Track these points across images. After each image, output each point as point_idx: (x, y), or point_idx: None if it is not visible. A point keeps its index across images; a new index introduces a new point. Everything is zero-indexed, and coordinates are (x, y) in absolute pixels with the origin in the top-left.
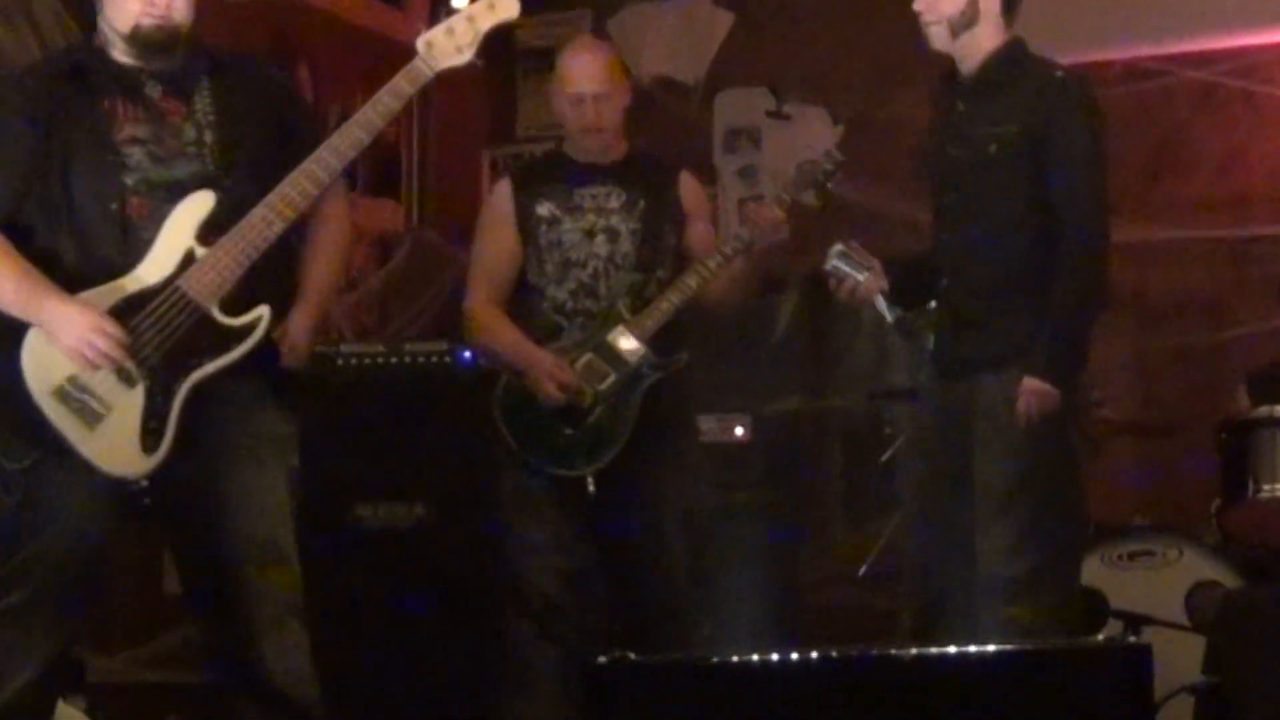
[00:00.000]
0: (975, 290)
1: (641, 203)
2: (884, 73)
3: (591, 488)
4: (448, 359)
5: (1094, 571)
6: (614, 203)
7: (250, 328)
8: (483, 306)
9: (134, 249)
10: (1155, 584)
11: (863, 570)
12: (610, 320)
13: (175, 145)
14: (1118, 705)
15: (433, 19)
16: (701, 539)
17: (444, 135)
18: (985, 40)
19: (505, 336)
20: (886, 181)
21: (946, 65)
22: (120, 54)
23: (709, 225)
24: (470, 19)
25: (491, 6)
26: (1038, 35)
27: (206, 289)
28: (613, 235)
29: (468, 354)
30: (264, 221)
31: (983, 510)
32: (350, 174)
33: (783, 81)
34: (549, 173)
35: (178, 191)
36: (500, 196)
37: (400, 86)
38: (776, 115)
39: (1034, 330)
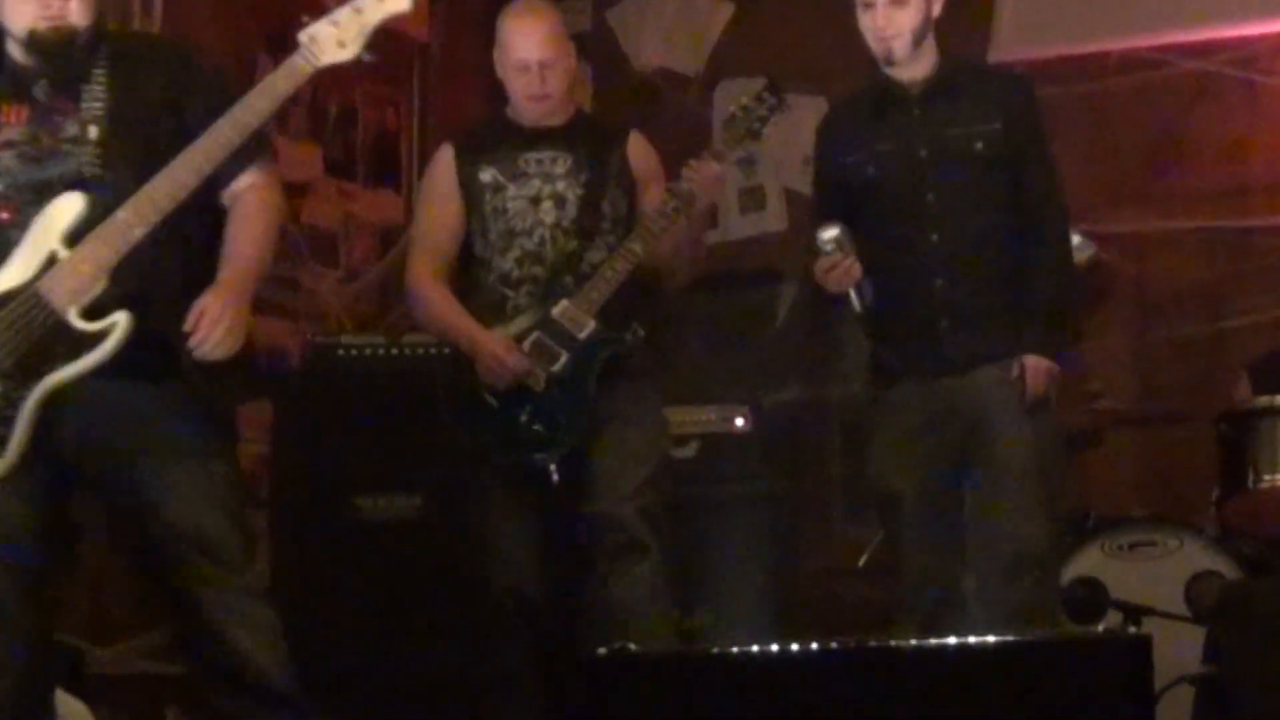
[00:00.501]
0: (977, 289)
1: (588, 167)
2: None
3: (555, 476)
4: (447, 350)
5: (1094, 562)
6: (559, 168)
7: (104, 334)
8: (426, 280)
9: (2, 255)
10: (1155, 574)
11: (863, 561)
12: (554, 294)
13: (51, 143)
14: (1118, 696)
15: (434, 13)
16: (700, 530)
17: (444, 125)
18: (931, 47)
19: (449, 315)
20: None
21: (877, 78)
22: (17, 53)
23: (663, 189)
24: (357, 11)
25: None
26: (1034, 26)
27: (63, 293)
28: (560, 201)
29: None
30: (125, 224)
31: (1004, 492)
32: (350, 164)
33: (782, 72)
34: (492, 138)
35: (46, 192)
36: (441, 164)
37: (275, 85)
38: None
39: (1017, 326)
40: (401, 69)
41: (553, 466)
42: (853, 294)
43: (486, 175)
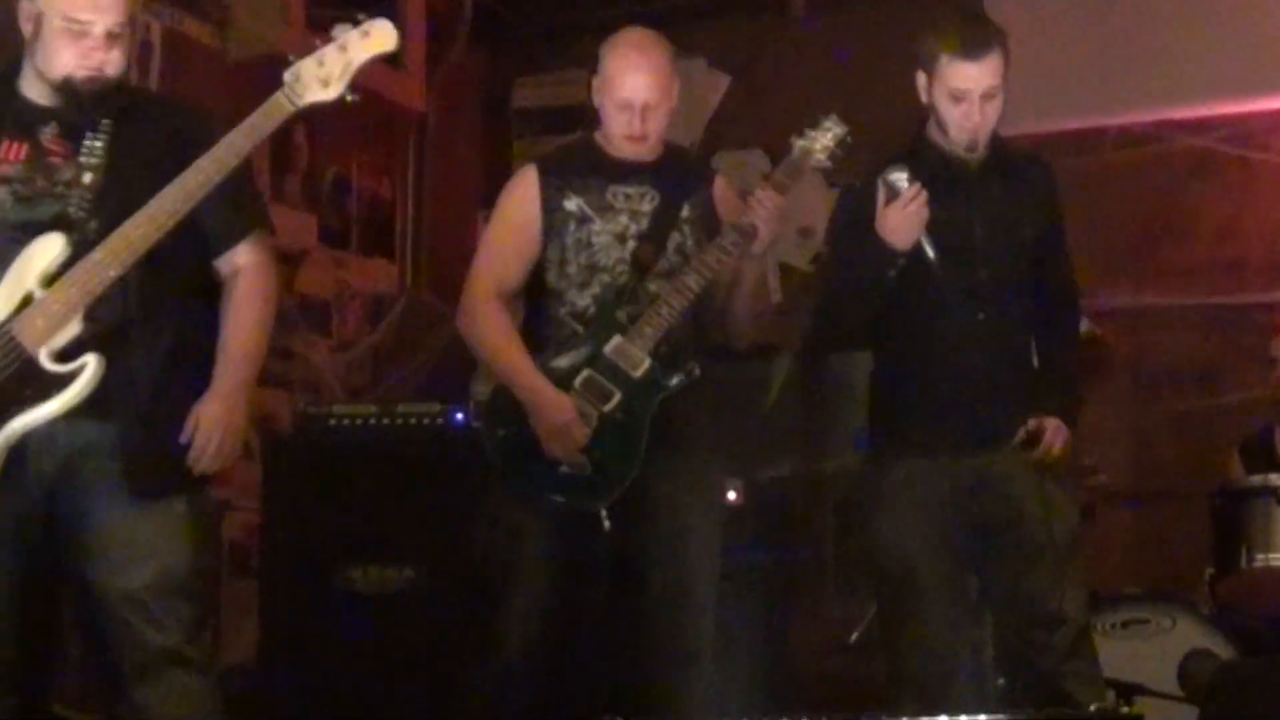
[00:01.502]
0: (1012, 368)
1: (674, 207)
2: (880, 138)
3: (606, 523)
4: (440, 420)
5: None
6: (647, 205)
7: (73, 376)
8: (489, 303)
9: None
10: (1149, 653)
11: (855, 637)
12: (607, 330)
13: (44, 185)
14: None
15: (430, 80)
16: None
17: (439, 195)
18: None
19: (509, 350)
20: None
21: (930, 144)
22: (33, 92)
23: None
24: (342, 48)
25: (366, 34)
26: (1034, 101)
27: (35, 333)
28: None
29: (460, 415)
30: (99, 264)
31: (1040, 565)
32: (344, 233)
33: (778, 143)
34: (580, 165)
35: (33, 232)
36: (525, 184)
37: (256, 123)
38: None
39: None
40: (397, 139)
41: (604, 513)
42: (924, 239)
43: (572, 205)
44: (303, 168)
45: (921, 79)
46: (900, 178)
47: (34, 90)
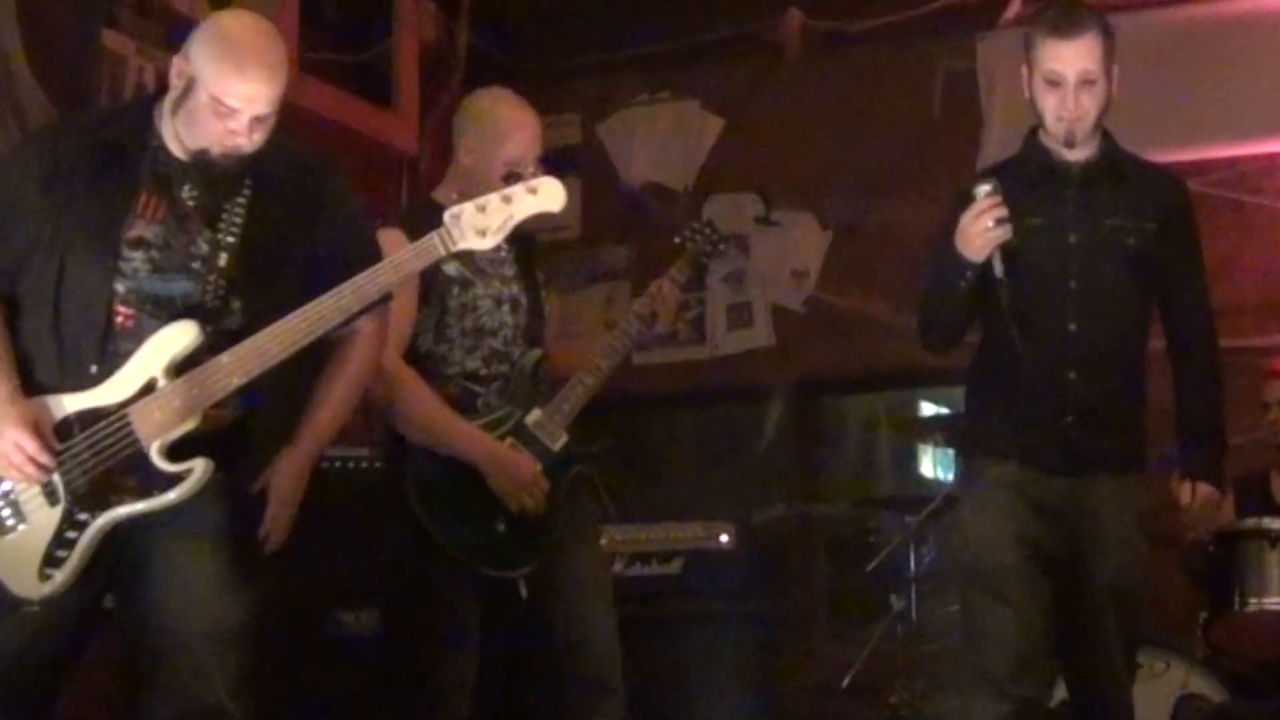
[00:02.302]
0: (1108, 389)
1: (527, 273)
2: (873, 181)
3: (524, 591)
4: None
5: None
6: (509, 270)
7: (180, 478)
8: (407, 370)
9: (110, 361)
10: (1142, 696)
11: (846, 681)
12: (522, 400)
13: (182, 258)
14: None
15: (424, 121)
16: (684, 647)
17: None
18: (1099, 130)
19: (447, 418)
20: (874, 289)
21: (1037, 147)
22: (173, 146)
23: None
24: (506, 200)
25: (533, 191)
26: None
27: (151, 426)
28: (515, 304)
29: None
30: (226, 371)
31: (1101, 615)
32: None
33: (772, 187)
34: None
35: (169, 309)
36: (396, 247)
37: (405, 261)
38: (765, 221)
39: (1141, 441)
40: (390, 180)
41: (521, 583)
42: (996, 256)
43: (451, 268)
44: None
45: (1024, 73)
46: (981, 189)
47: (174, 144)
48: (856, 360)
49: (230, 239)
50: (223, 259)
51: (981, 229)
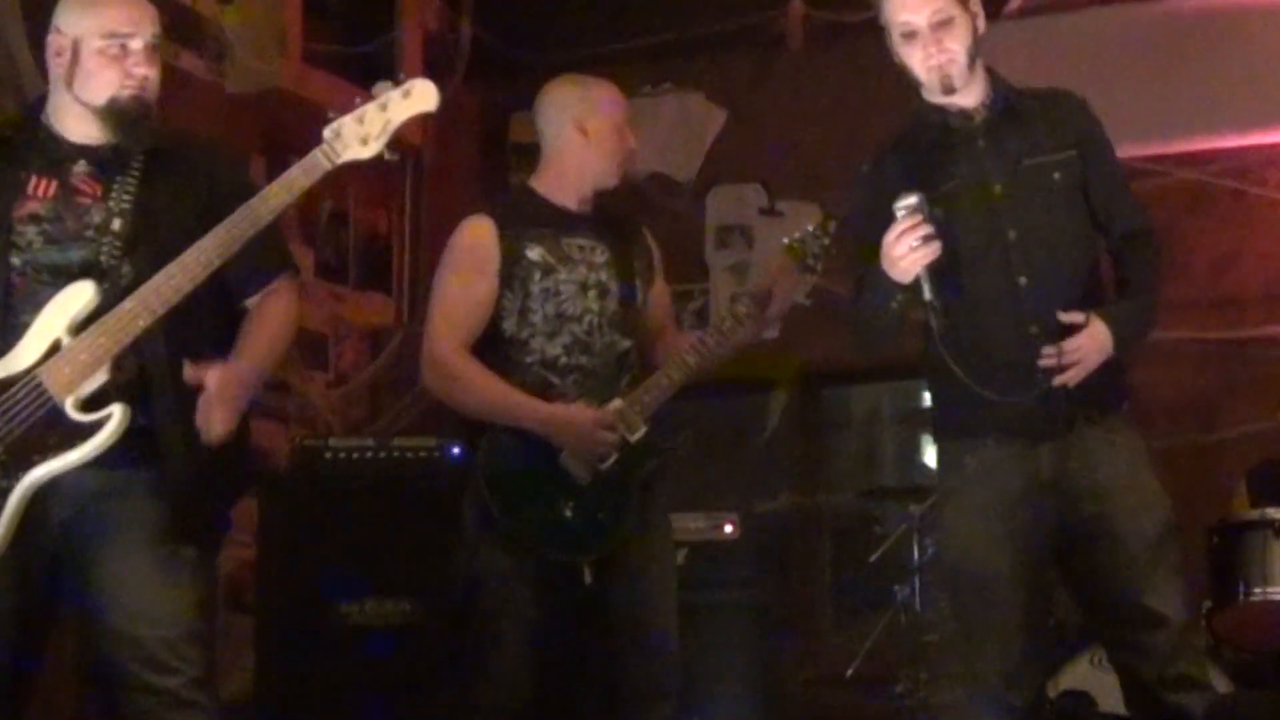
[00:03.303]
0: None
1: (621, 260)
2: None
3: (588, 577)
4: (437, 454)
5: (1082, 674)
6: (599, 257)
7: (98, 425)
8: (462, 355)
9: (11, 332)
10: None
11: (851, 671)
12: (604, 389)
13: (75, 227)
14: None
15: (426, 118)
16: (688, 637)
17: (435, 230)
18: (980, 67)
19: (502, 393)
20: None
21: (927, 111)
22: (64, 128)
23: (666, 284)
24: (382, 107)
25: (407, 94)
26: None
27: (62, 381)
28: (603, 291)
29: (457, 449)
30: (130, 315)
31: (1133, 565)
32: (341, 267)
33: (775, 178)
34: (534, 215)
35: (64, 276)
36: (482, 233)
37: (293, 179)
38: (769, 212)
39: (1114, 378)
40: (394, 173)
41: (586, 568)
42: (924, 278)
43: (534, 253)
44: (299, 202)
45: (888, 43)
46: (902, 205)
47: (65, 125)
48: (860, 350)
49: (124, 205)
50: (116, 224)
51: (905, 251)
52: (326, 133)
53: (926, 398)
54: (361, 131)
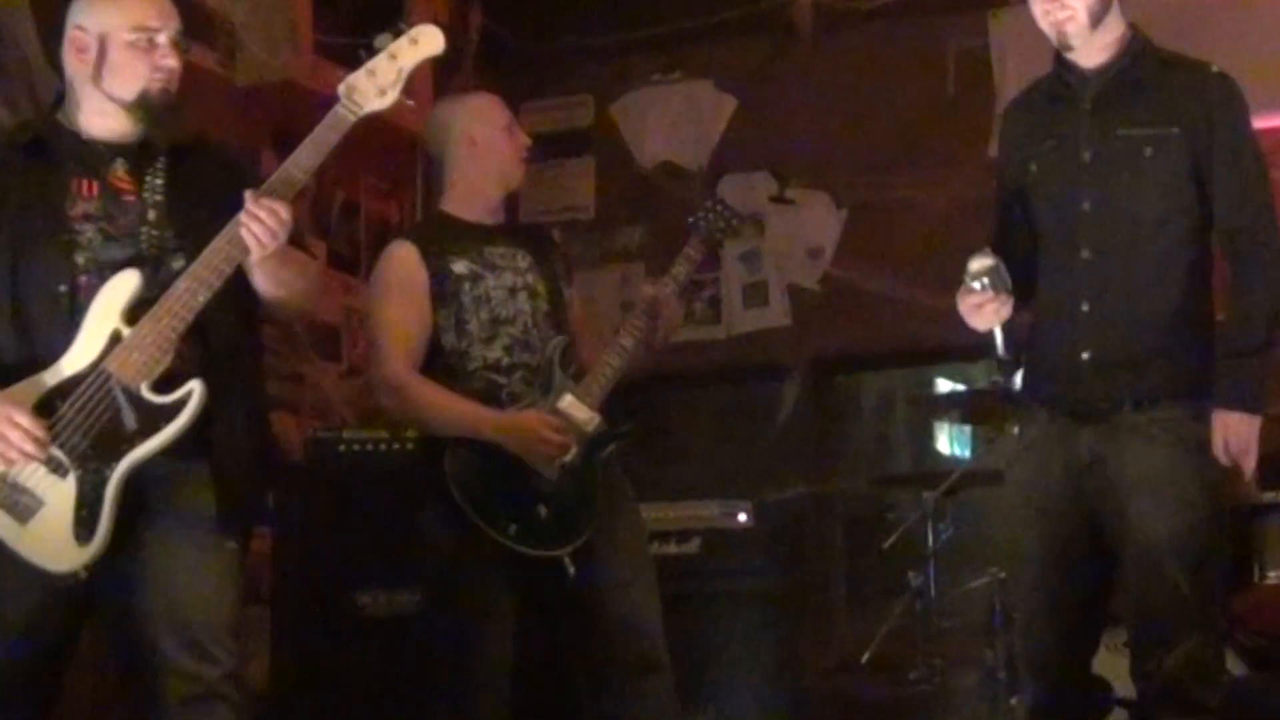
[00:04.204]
0: (1130, 319)
1: (542, 263)
2: (887, 157)
3: (571, 569)
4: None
5: (1098, 658)
6: (522, 261)
7: (181, 404)
8: (412, 376)
9: (80, 329)
10: None
11: (866, 658)
12: (553, 386)
13: (126, 223)
14: None
15: (437, 103)
16: (703, 626)
17: None
18: (1114, 29)
19: (455, 405)
20: (890, 265)
21: (1057, 69)
22: (94, 129)
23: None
24: (392, 57)
25: (414, 41)
26: None
27: (133, 369)
28: (532, 293)
29: None
30: (188, 292)
31: (1139, 570)
32: (353, 258)
33: (786, 166)
34: (451, 233)
35: (119, 271)
36: (407, 256)
37: (321, 137)
38: (779, 200)
39: (1193, 367)
40: (404, 163)
41: (568, 560)
42: (997, 334)
43: (460, 266)
44: (311, 193)
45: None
46: (974, 270)
47: (90, 124)
48: (872, 338)
49: (158, 197)
50: (153, 215)
51: (976, 316)
52: (341, 89)
53: (939, 384)
54: (376, 83)
